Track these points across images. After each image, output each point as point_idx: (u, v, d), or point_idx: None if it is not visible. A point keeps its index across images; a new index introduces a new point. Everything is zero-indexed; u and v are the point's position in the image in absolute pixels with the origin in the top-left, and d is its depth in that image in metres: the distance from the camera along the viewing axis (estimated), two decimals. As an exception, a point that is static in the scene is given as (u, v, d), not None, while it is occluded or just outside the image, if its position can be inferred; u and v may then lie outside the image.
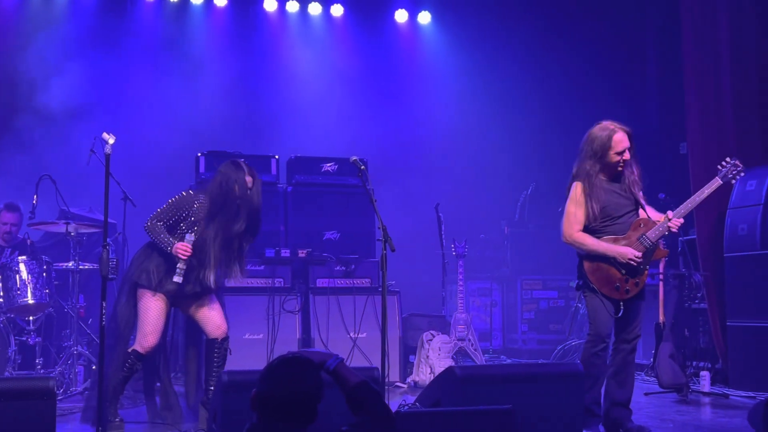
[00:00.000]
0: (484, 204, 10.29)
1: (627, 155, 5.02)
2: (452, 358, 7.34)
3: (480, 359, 7.58)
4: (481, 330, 9.23)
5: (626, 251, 4.97)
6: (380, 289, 7.12)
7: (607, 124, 5.10)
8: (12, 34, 9.37)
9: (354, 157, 5.37)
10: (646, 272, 5.09)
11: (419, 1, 10.84)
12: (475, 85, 10.57)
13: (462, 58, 10.70)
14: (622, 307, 5.05)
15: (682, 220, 5.09)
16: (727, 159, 5.24)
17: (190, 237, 5.16)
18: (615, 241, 5.03)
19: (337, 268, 7.39)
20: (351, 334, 7.18)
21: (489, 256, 10.05)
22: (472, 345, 7.55)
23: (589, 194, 5.00)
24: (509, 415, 3.74)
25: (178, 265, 5.12)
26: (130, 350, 5.25)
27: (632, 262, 4.95)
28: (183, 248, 5.12)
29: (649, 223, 5.09)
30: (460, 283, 7.63)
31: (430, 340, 7.39)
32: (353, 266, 7.40)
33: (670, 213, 5.13)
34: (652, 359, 7.17)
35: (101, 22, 9.65)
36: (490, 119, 10.55)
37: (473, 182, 10.34)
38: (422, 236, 9.10)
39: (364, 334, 7.21)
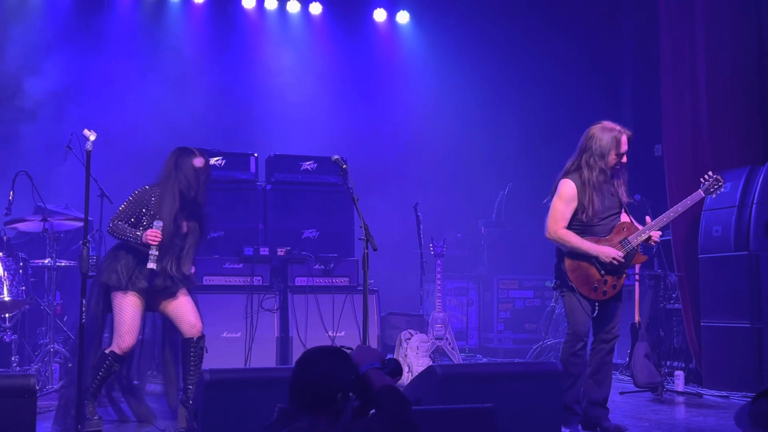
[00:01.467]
0: (462, 203, 10.36)
1: (625, 159, 5.08)
2: (430, 356, 7.37)
3: (458, 358, 7.62)
4: (457, 329, 9.26)
5: (609, 251, 5.02)
6: (359, 288, 7.16)
7: (610, 124, 5.12)
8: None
9: (336, 156, 5.37)
10: (624, 276, 5.16)
11: (397, 0, 10.86)
12: (453, 84, 10.62)
13: (440, 58, 10.75)
14: (596, 308, 5.13)
15: (660, 233, 5.19)
16: (709, 173, 5.33)
17: (158, 223, 5.13)
18: (597, 242, 5.08)
19: (316, 266, 7.39)
20: (329, 333, 7.18)
21: (466, 256, 10.10)
22: (449, 344, 7.58)
23: (584, 193, 5.02)
24: (490, 413, 3.77)
25: (150, 251, 5.09)
26: (107, 351, 5.22)
27: (614, 262, 5.01)
28: (152, 234, 5.09)
29: (632, 227, 5.16)
30: (438, 282, 7.66)
31: (408, 339, 7.41)
32: (332, 265, 7.40)
33: (648, 218, 5.23)
34: (627, 359, 7.26)
35: (77, 18, 9.55)
36: (467, 119, 10.61)
37: (451, 182, 10.39)
38: (400, 235, 9.12)
39: (342, 333, 7.22)
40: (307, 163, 7.85)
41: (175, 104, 9.68)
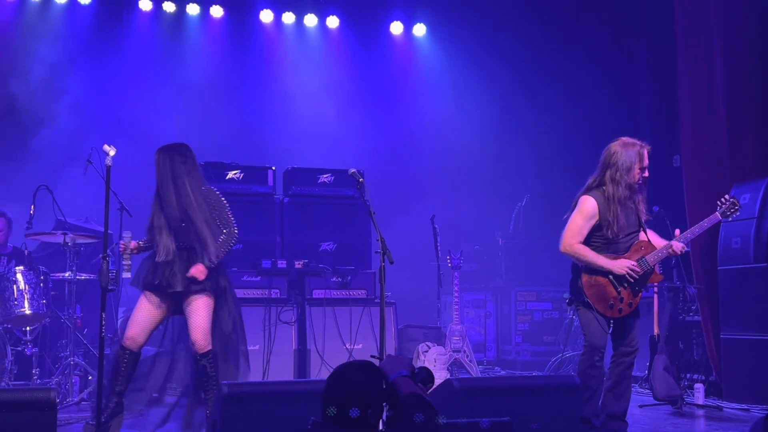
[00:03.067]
0: (479, 215, 10.35)
1: (647, 173, 5.12)
2: (448, 369, 7.36)
3: (475, 371, 7.60)
4: (475, 341, 9.24)
5: (623, 262, 5.04)
6: (376, 301, 7.16)
7: (630, 140, 5.14)
8: (8, 46, 9.39)
9: (352, 170, 5.41)
10: (639, 294, 5.17)
11: (414, 13, 10.90)
12: (470, 97, 10.63)
13: (457, 71, 10.76)
14: (611, 324, 5.14)
15: (683, 244, 5.18)
16: (726, 197, 5.36)
17: (127, 234, 5.26)
18: (614, 259, 5.09)
19: (334, 279, 7.41)
20: (347, 346, 7.19)
21: (483, 268, 10.08)
22: (467, 356, 7.57)
23: (608, 209, 5.02)
24: (508, 427, 3.77)
25: (122, 261, 5.18)
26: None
27: (630, 274, 5.01)
28: (121, 244, 5.25)
29: (649, 246, 5.17)
30: (456, 294, 7.66)
31: (426, 351, 7.41)
32: (349, 277, 7.42)
33: (677, 233, 5.25)
34: (646, 371, 7.21)
35: (98, 32, 9.68)
36: (484, 131, 10.61)
37: (468, 194, 10.39)
38: (418, 248, 9.13)
39: (360, 346, 7.23)
40: (324, 176, 7.89)
41: (192, 117, 9.77)
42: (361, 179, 5.29)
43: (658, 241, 5.25)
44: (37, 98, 9.00)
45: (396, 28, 10.91)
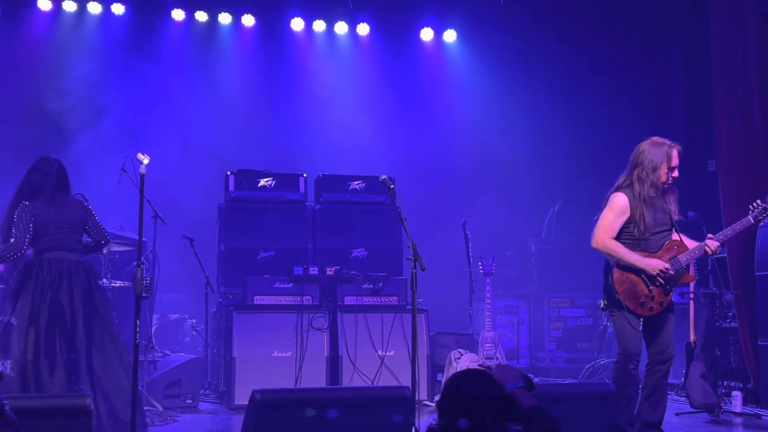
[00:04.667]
0: (511, 221, 10.29)
1: (677, 173, 5.09)
2: (480, 376, 7.31)
3: (508, 378, 7.54)
4: (508, 348, 9.19)
5: (656, 263, 4.99)
6: (408, 307, 7.15)
7: (660, 139, 5.14)
8: (44, 57, 9.56)
9: (383, 176, 5.42)
10: (671, 293, 5.09)
11: (445, 19, 10.89)
12: (501, 102, 10.59)
13: (487, 76, 10.73)
14: (641, 322, 5.06)
15: (718, 243, 5.13)
16: (758, 202, 5.30)
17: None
18: (646, 257, 5.04)
19: (365, 285, 7.41)
20: (378, 352, 7.18)
21: (516, 274, 10.02)
22: (500, 363, 7.52)
23: (636, 208, 5.03)
24: (542, 435, 3.72)
25: None
26: None
27: (662, 275, 4.97)
28: None
29: (682, 246, 5.13)
30: (488, 301, 7.62)
31: (458, 358, 7.37)
32: (381, 284, 7.41)
33: (710, 235, 5.18)
34: (683, 379, 7.11)
35: (132, 42, 9.82)
36: (515, 136, 10.57)
37: (500, 200, 10.34)
38: (449, 254, 9.10)
39: (392, 352, 7.22)
40: (356, 182, 7.90)
41: (224, 125, 9.87)
42: (392, 186, 5.30)
43: (689, 243, 5.20)
44: (72, 107, 9.15)
45: (426, 34, 10.91)
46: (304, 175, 7.89)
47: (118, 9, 9.76)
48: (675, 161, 5.07)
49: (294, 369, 6.94)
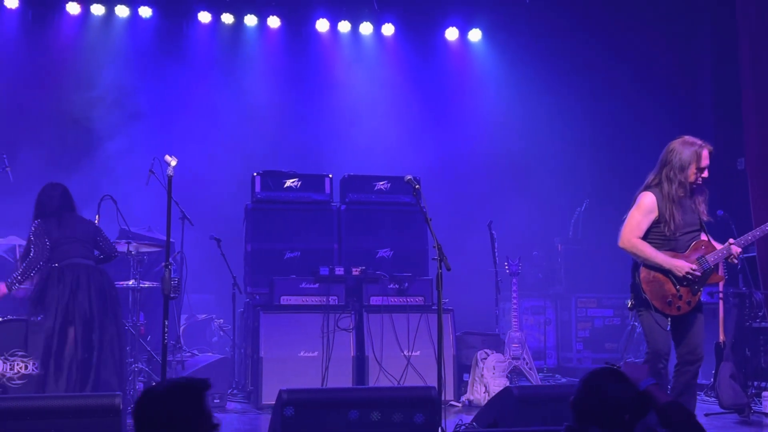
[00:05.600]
0: (538, 221, 10.24)
1: (706, 173, 5.02)
2: (507, 377, 7.30)
3: (535, 378, 7.52)
4: (534, 348, 9.15)
5: (683, 264, 4.93)
6: (434, 308, 7.14)
7: (691, 139, 5.07)
8: (73, 60, 9.68)
9: (408, 176, 5.42)
10: (699, 293, 5.02)
11: (470, 19, 10.87)
12: (527, 101, 10.54)
13: (513, 75, 10.69)
14: (669, 322, 4.99)
15: (740, 249, 5.07)
16: None
17: None
18: (674, 256, 4.99)
19: (391, 286, 7.41)
20: (405, 352, 7.18)
21: (543, 274, 9.97)
22: (527, 364, 7.49)
23: (665, 207, 4.97)
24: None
25: None
26: None
27: (689, 276, 4.92)
28: None
29: (710, 246, 5.07)
30: (515, 301, 7.59)
31: (485, 358, 7.35)
32: (407, 284, 7.41)
33: (731, 240, 5.10)
34: (712, 379, 7.03)
35: (159, 45, 9.92)
36: (542, 135, 10.51)
37: (526, 199, 10.29)
38: (475, 254, 9.08)
39: (418, 353, 7.21)
40: (381, 183, 7.91)
41: (250, 126, 9.93)
42: (417, 186, 5.31)
43: (717, 245, 5.14)
44: (100, 111, 9.25)
45: (451, 33, 10.89)
46: (330, 175, 7.91)
47: (145, 12, 9.86)
48: (705, 161, 4.99)
49: (320, 369, 6.95)
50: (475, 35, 10.95)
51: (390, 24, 10.64)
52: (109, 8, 9.84)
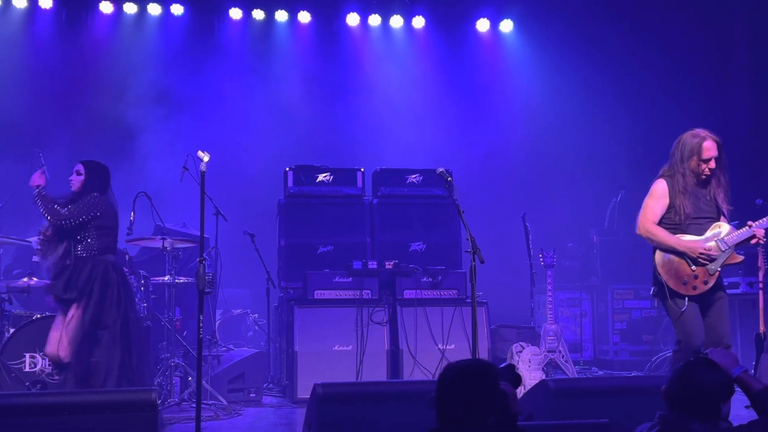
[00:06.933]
0: (572, 212, 10.13)
1: (712, 164, 5.09)
2: (543, 370, 7.24)
3: (572, 371, 7.45)
4: (570, 341, 9.06)
5: (696, 246, 5.01)
6: (468, 301, 7.10)
7: (699, 131, 5.17)
8: (106, 57, 9.79)
9: (441, 169, 5.40)
10: (717, 273, 5.06)
11: (501, 9, 10.78)
12: (560, 91, 10.43)
13: (545, 65, 10.59)
14: (686, 303, 5.01)
15: (764, 231, 5.09)
16: None
17: None
18: (692, 238, 5.05)
19: (424, 279, 7.38)
20: (439, 346, 7.16)
21: (578, 266, 9.86)
22: (562, 356, 7.42)
23: (674, 193, 5.10)
24: (607, 429, 3.67)
25: None
26: None
27: (702, 258, 4.98)
28: None
29: (728, 227, 5.13)
30: (549, 293, 7.52)
31: (520, 351, 7.30)
32: (440, 277, 7.38)
33: (751, 222, 5.14)
34: (753, 371, 6.91)
35: (191, 41, 10.00)
36: (575, 125, 10.39)
37: (560, 190, 10.19)
38: (509, 246, 9.02)
39: (452, 346, 7.18)
40: (413, 176, 7.88)
41: (283, 121, 9.96)
42: (449, 178, 5.28)
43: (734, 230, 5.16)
44: (134, 108, 9.34)
45: (482, 25, 10.82)
46: (362, 169, 7.90)
47: (177, 9, 9.94)
48: (707, 153, 5.07)
49: (355, 363, 6.96)
50: (506, 26, 10.86)
51: (420, 17, 10.61)
52: (142, 7, 9.93)
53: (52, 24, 9.80)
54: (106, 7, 9.81)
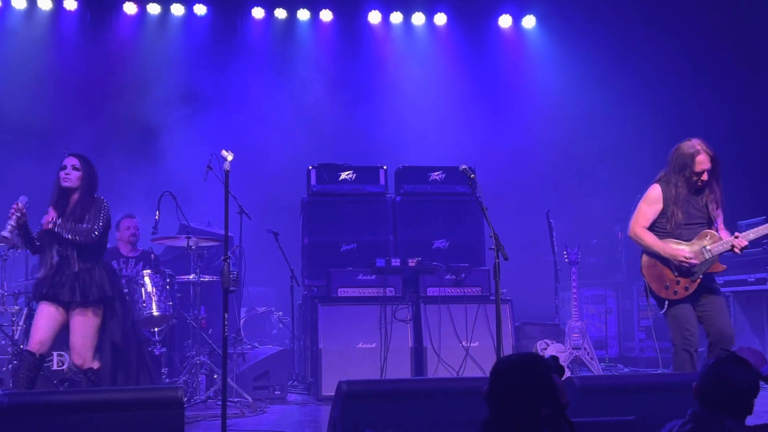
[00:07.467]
0: (596, 209, 10.06)
1: (705, 176, 5.24)
2: (568, 367, 7.21)
3: (597, 368, 7.41)
4: (596, 338, 9.01)
5: (679, 252, 5.17)
6: (491, 298, 7.09)
7: (695, 143, 5.31)
8: (131, 58, 9.87)
9: (463, 166, 5.39)
10: (699, 280, 5.20)
11: (524, 5, 10.73)
12: (584, 87, 10.36)
13: (568, 61, 10.52)
14: (666, 306, 5.25)
15: (746, 243, 5.22)
16: None
17: (23, 198, 5.32)
18: (678, 245, 5.23)
19: (448, 276, 7.37)
20: (463, 343, 7.14)
21: (602, 262, 9.80)
22: (588, 354, 7.39)
23: (667, 199, 5.26)
24: (633, 426, 3.64)
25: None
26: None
27: (684, 264, 5.15)
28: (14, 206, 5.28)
29: (716, 237, 5.28)
30: (574, 290, 7.48)
31: (545, 349, 7.28)
32: (463, 275, 7.36)
33: (738, 233, 5.29)
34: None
35: (214, 41, 10.05)
36: (599, 122, 10.31)
37: (584, 187, 10.13)
38: (533, 243, 8.98)
39: (476, 343, 7.16)
40: (435, 173, 7.87)
41: (305, 120, 9.99)
42: (472, 175, 5.27)
43: (726, 236, 5.31)
44: (158, 107, 9.41)
45: (505, 21, 10.77)
46: (384, 167, 7.90)
47: (200, 9, 10.00)
48: (699, 166, 5.20)
49: (378, 360, 6.96)
50: (529, 22, 10.81)
51: (442, 13, 10.59)
52: (165, 7, 10.01)
53: (76, 25, 9.91)
54: (129, 8, 9.90)
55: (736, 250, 5.22)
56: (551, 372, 2.71)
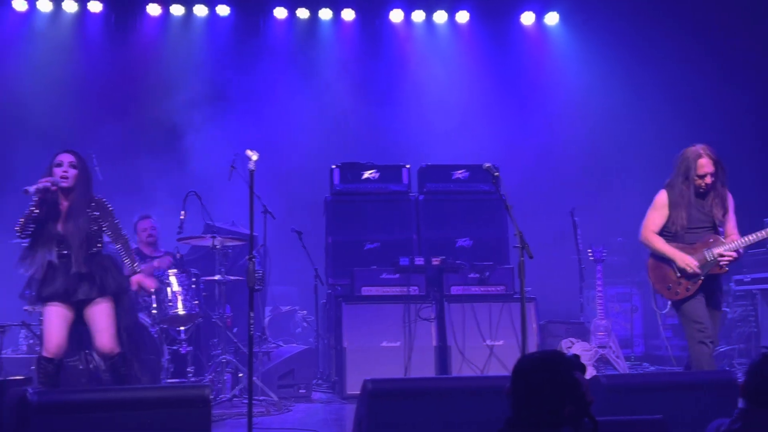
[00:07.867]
0: (620, 207, 9.98)
1: (708, 180, 5.44)
2: (593, 365, 7.17)
3: (623, 367, 7.36)
4: (621, 336, 8.94)
5: (685, 257, 5.43)
6: (516, 296, 7.06)
7: (698, 147, 5.53)
8: (156, 59, 9.96)
9: (487, 164, 5.38)
10: (700, 281, 5.43)
11: (547, 1, 10.67)
12: (608, 86, 10.28)
13: (592, 58, 10.45)
14: (669, 306, 5.64)
15: (734, 255, 5.42)
16: None
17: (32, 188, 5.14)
18: (683, 249, 5.48)
19: (471, 275, 7.35)
20: (487, 342, 7.13)
21: (628, 260, 9.72)
22: (613, 352, 7.34)
23: (673, 204, 5.50)
24: (661, 425, 3.61)
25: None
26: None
27: (687, 269, 5.41)
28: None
29: (719, 241, 5.49)
30: (599, 288, 7.44)
31: (570, 347, 7.24)
32: (487, 273, 7.34)
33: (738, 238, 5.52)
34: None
35: (236, 42, 10.11)
36: (622, 119, 10.24)
37: (609, 185, 10.06)
38: (557, 241, 8.94)
39: (501, 342, 7.14)
40: (459, 172, 7.86)
41: (328, 118, 10.02)
42: (496, 173, 5.25)
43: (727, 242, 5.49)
44: (183, 108, 9.48)
45: (527, 18, 10.73)
46: (407, 165, 7.90)
47: (223, 10, 10.06)
48: (702, 170, 5.41)
49: (403, 359, 6.96)
50: (551, 18, 10.76)
51: (464, 11, 10.57)
52: (188, 8, 10.08)
53: (101, 27, 10.01)
54: (153, 10, 9.98)
55: (725, 261, 5.43)
56: (573, 369, 2.71)
